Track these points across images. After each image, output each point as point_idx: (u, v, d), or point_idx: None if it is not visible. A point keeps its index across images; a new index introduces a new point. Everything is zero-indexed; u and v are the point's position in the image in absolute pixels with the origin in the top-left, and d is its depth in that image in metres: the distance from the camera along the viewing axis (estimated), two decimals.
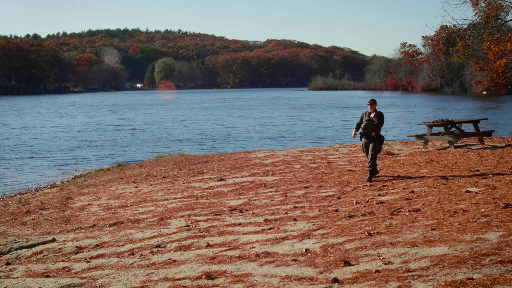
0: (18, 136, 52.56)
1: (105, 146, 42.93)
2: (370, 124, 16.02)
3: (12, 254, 12.10)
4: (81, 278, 9.16)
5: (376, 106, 16.20)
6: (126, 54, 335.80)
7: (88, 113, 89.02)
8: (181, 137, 48.85)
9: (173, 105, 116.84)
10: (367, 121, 16.10)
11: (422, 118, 61.61)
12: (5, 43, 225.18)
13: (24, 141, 47.66)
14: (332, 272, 7.94)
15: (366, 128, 16.13)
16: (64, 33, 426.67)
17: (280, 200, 14.43)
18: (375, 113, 15.93)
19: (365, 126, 16.13)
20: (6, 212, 18.33)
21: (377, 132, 16.05)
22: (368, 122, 16.06)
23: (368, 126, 16.05)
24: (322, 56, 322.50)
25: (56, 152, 39.19)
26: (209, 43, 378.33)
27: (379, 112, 16.01)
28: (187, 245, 10.68)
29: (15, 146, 43.69)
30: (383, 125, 16.05)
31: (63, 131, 56.91)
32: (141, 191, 19.29)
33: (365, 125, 16.13)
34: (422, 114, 69.47)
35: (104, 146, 42.94)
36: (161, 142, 45.05)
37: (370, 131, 16.07)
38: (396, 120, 62.89)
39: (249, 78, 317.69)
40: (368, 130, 16.10)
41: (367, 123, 16.08)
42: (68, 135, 52.26)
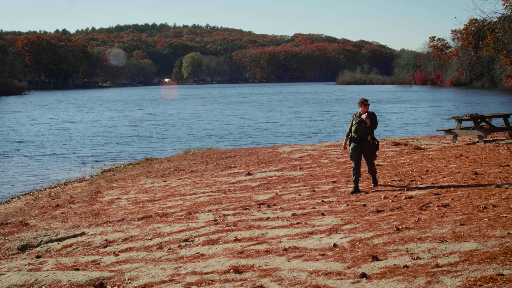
0: (48, 131, 53.09)
1: (134, 140, 43.18)
2: (363, 127, 14.12)
3: (42, 247, 12.23)
4: (110, 271, 9.23)
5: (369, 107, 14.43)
6: (154, 49, 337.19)
7: (116, 108, 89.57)
8: (209, 131, 48.97)
9: (200, 100, 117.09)
10: (358, 124, 14.18)
11: (451, 112, 61.08)
12: (35, 39, 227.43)
13: (54, 136, 48.12)
14: (360, 267, 7.91)
15: (358, 132, 14.20)
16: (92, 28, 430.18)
17: (308, 194, 14.41)
18: (366, 114, 14.11)
19: (357, 129, 14.21)
20: (36, 206, 18.53)
21: (371, 135, 14.24)
22: (360, 124, 14.15)
23: (360, 129, 14.14)
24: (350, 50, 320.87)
25: (85, 147, 39.51)
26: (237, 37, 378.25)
27: (371, 113, 14.22)
28: (215, 239, 10.71)
29: (45, 141, 44.14)
30: (376, 127, 14.32)
31: (92, 126, 57.35)
32: (169, 185, 19.37)
33: (356, 128, 14.21)
34: (451, 109, 68.87)
35: (133, 140, 43.19)
36: (189, 136, 45.20)
37: (363, 134, 14.17)
38: (425, 115, 62.42)
39: (277, 72, 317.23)
40: (361, 134, 14.18)
41: (359, 125, 14.16)
42: (97, 130, 52.66)
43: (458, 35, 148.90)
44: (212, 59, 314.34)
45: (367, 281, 7.31)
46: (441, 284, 6.87)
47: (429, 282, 6.96)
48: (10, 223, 15.74)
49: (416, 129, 46.37)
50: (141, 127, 55.09)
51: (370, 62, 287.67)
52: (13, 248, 12.48)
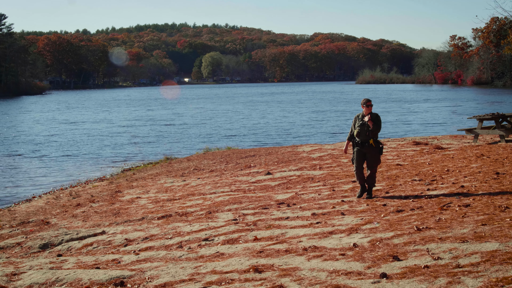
0: (68, 131, 53.45)
1: (153, 140, 43.35)
2: (365, 130, 13.19)
3: (63, 246, 12.31)
4: (130, 270, 9.26)
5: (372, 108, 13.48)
6: (173, 48, 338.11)
7: (136, 108, 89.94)
8: (229, 131, 49.03)
9: (220, 99, 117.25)
10: (360, 127, 13.27)
11: (472, 111, 60.66)
12: (56, 39, 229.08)
13: (74, 135, 48.45)
14: (381, 267, 7.88)
15: (361, 135, 13.27)
16: (113, 28, 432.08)
17: (328, 194, 14.38)
18: (370, 116, 13.17)
19: (359, 132, 13.29)
20: (57, 205, 18.66)
21: (374, 139, 13.26)
22: (362, 127, 13.24)
23: (363, 132, 13.22)
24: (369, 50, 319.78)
25: (105, 146, 39.72)
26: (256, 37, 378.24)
27: (375, 114, 13.27)
28: (234, 239, 10.72)
29: (65, 140, 44.44)
30: (380, 130, 13.31)
31: (112, 126, 57.64)
32: (189, 184, 19.42)
33: (359, 131, 13.29)
34: (472, 108, 68.40)
35: (152, 140, 43.36)
36: (209, 136, 45.29)
37: (366, 138, 13.22)
38: (446, 114, 62.07)
39: (296, 72, 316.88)
40: (363, 138, 13.24)
41: (361, 128, 13.25)
42: (117, 130, 52.92)
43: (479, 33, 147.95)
44: (231, 58, 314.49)
45: (388, 281, 7.28)
46: (462, 285, 6.83)
47: (450, 283, 6.93)
48: (31, 221, 15.86)
49: (437, 128, 46.14)
50: (160, 126, 55.28)
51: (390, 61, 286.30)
52: (34, 246, 12.57)
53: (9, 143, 42.61)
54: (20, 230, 14.78)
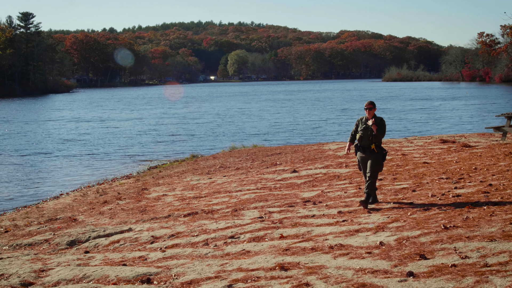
0: (95, 129, 53.85)
1: (179, 137, 43.50)
2: (368, 135, 12.54)
3: (90, 243, 12.40)
4: (156, 267, 9.31)
5: (376, 110, 12.83)
6: (199, 46, 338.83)
7: (162, 106, 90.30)
8: (255, 129, 49.05)
9: (245, 97, 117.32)
10: (363, 131, 12.64)
11: (500, 109, 60.06)
12: (83, 37, 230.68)
13: (101, 134, 48.79)
14: (407, 265, 7.84)
15: (363, 140, 12.63)
16: (139, 27, 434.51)
17: (354, 192, 14.33)
18: (374, 119, 12.51)
19: (362, 137, 12.66)
20: (84, 202, 18.80)
21: (377, 144, 12.56)
22: (365, 131, 12.59)
23: (366, 137, 12.57)
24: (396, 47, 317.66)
25: (131, 144, 39.95)
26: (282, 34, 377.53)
27: (379, 118, 12.59)
28: (260, 236, 10.73)
29: (92, 138, 44.78)
30: (384, 135, 12.66)
31: (138, 123, 57.96)
32: (215, 182, 19.46)
33: (361, 136, 12.66)
34: (500, 106, 67.72)
35: (178, 137, 43.52)
36: (235, 134, 45.34)
37: (368, 143, 12.56)
38: (473, 112, 61.54)
39: (322, 69, 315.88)
40: (365, 143, 12.60)
41: (364, 133, 12.61)
42: (143, 127, 53.20)
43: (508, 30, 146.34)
44: (257, 56, 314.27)
45: (414, 280, 7.24)
46: (490, 284, 6.77)
47: (478, 282, 6.87)
48: (59, 218, 16.00)
49: (464, 126, 45.76)
50: (186, 124, 55.46)
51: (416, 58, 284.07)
52: (62, 243, 12.68)
53: (37, 142, 43.04)
54: (48, 227, 14.92)
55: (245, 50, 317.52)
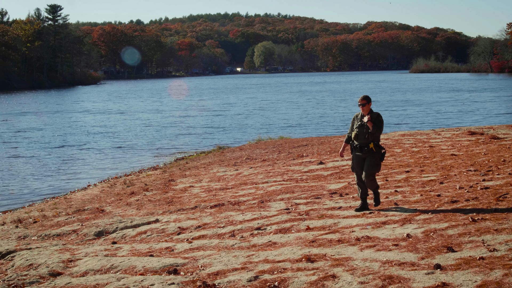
0: (123, 121, 54.21)
1: (206, 129, 43.62)
2: (364, 132, 11.51)
3: (117, 234, 12.49)
4: (183, 258, 9.36)
5: (371, 105, 11.76)
6: (226, 38, 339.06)
7: (190, 98, 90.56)
8: (281, 120, 49.02)
9: (273, 88, 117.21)
10: (359, 128, 11.61)
11: None
12: (110, 29, 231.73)
13: (128, 125, 49.11)
14: (434, 258, 7.80)
15: (359, 138, 11.59)
16: (166, 19, 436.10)
17: (381, 184, 14.25)
18: (370, 116, 11.49)
19: (357, 135, 11.63)
20: (111, 193, 18.94)
21: (375, 143, 11.56)
22: (361, 129, 11.57)
23: (361, 134, 11.55)
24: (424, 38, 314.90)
25: (158, 135, 40.14)
26: (309, 26, 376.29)
27: (375, 114, 11.56)
28: (287, 228, 10.73)
29: (119, 130, 45.08)
30: (381, 132, 11.62)
31: (164, 115, 58.20)
32: (241, 173, 19.48)
33: (357, 133, 11.64)
34: None
35: (205, 129, 43.64)
36: (261, 125, 45.35)
37: (365, 141, 11.53)
38: (502, 104, 60.90)
39: (349, 61, 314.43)
40: (362, 141, 11.56)
41: (359, 130, 11.59)
42: (170, 119, 53.42)
43: None
44: (284, 48, 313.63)
45: (442, 272, 7.20)
46: None
47: (506, 275, 6.81)
48: (87, 209, 16.14)
49: (493, 118, 45.30)
50: (213, 116, 55.57)
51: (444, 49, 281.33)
52: (90, 234, 12.79)
53: (64, 134, 43.41)
54: (76, 217, 15.06)
55: (271, 42, 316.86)
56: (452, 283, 6.82)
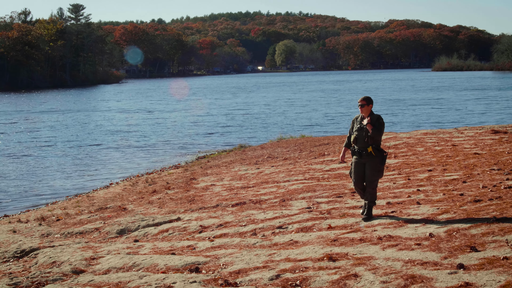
0: (144, 119, 54.48)
1: (227, 128, 43.69)
2: (363, 136, 10.87)
3: (139, 232, 12.55)
4: (205, 257, 9.38)
5: (372, 106, 11.16)
6: (247, 37, 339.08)
7: (211, 96, 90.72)
8: (303, 119, 48.95)
9: (294, 87, 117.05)
10: (358, 131, 10.98)
11: None
12: (132, 28, 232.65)
13: (150, 124, 49.32)
14: (457, 257, 7.75)
15: (358, 142, 10.96)
16: (187, 17, 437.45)
17: (403, 183, 14.19)
18: (370, 118, 10.93)
19: (356, 138, 11.01)
20: (133, 191, 19.03)
21: (375, 146, 10.88)
22: (360, 132, 10.93)
23: (361, 138, 10.91)
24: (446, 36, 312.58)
25: (179, 134, 40.27)
26: (330, 24, 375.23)
27: (376, 116, 10.99)
28: (308, 227, 10.71)
29: (141, 129, 45.31)
30: (381, 135, 10.94)
31: (185, 114, 58.36)
32: (262, 172, 19.48)
33: (356, 137, 11.01)
34: None
35: (226, 128, 43.70)
36: (282, 124, 45.32)
37: (364, 145, 10.90)
38: None
39: (371, 59, 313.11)
40: (361, 144, 10.93)
41: (359, 133, 10.95)
42: (191, 118, 53.55)
43: None
44: (305, 46, 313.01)
45: (465, 272, 7.15)
46: None
47: None
48: (109, 207, 16.22)
49: None
50: (234, 114, 55.63)
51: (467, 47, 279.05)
52: (112, 232, 12.86)
53: (87, 132, 43.71)
54: (98, 215, 15.15)
55: (292, 40, 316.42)
56: (475, 283, 6.77)
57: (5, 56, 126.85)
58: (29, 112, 63.42)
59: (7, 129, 46.38)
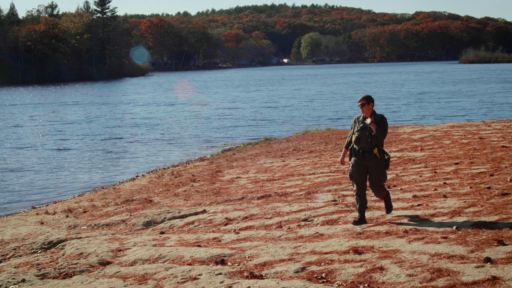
0: (170, 112, 54.67)
1: (253, 120, 43.68)
2: (367, 136, 10.16)
3: (165, 224, 12.62)
4: (230, 249, 9.40)
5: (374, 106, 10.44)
6: (272, 29, 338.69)
7: (236, 89, 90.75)
8: (328, 112, 48.82)
9: (320, 79, 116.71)
10: (361, 131, 10.26)
11: None
12: (158, 21, 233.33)
13: (175, 117, 49.49)
14: (485, 251, 7.68)
15: (361, 142, 10.23)
16: (212, 10, 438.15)
17: (429, 176, 14.10)
18: (373, 117, 10.24)
19: (359, 138, 10.26)
20: (159, 184, 19.12)
21: (379, 148, 10.21)
22: (363, 132, 10.22)
23: (363, 138, 10.19)
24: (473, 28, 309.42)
25: (205, 127, 40.35)
26: (356, 16, 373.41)
27: (379, 116, 10.27)
28: (334, 220, 10.69)
29: (166, 122, 45.47)
30: (385, 136, 10.22)
31: (211, 107, 58.44)
32: (288, 165, 19.47)
33: (359, 137, 10.27)
34: None
35: (252, 121, 43.70)
36: (308, 117, 45.22)
37: (368, 146, 10.18)
38: None
39: (397, 51, 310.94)
40: (364, 145, 10.21)
41: (361, 133, 10.23)
42: (217, 111, 53.62)
43: None
44: (330, 38, 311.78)
45: (492, 266, 7.09)
46: None
47: None
48: (135, 199, 16.33)
49: None
50: (259, 107, 55.61)
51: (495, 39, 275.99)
52: (138, 224, 12.94)
53: (113, 125, 43.98)
54: (125, 207, 15.25)
55: (318, 33, 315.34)
56: (502, 277, 6.71)
57: (33, 49, 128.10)
58: (56, 105, 63.98)
59: (35, 122, 46.85)
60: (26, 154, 30.07)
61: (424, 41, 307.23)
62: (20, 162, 27.53)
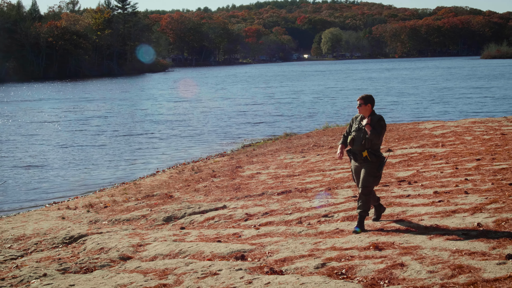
0: (190, 108, 54.80)
1: (273, 116, 43.67)
2: (361, 138, 9.73)
3: (186, 219, 12.65)
4: (250, 245, 9.41)
5: (373, 106, 10.08)
6: (293, 25, 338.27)
7: (257, 85, 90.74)
8: (349, 108, 48.67)
9: (340, 75, 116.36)
10: (356, 132, 9.86)
11: None
12: (178, 17, 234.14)
13: (195, 113, 49.60)
14: (506, 248, 7.63)
15: (355, 143, 9.81)
16: (233, 6, 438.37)
17: (451, 172, 14.01)
18: (370, 119, 9.78)
19: (353, 139, 9.87)
20: (179, 179, 19.18)
21: (372, 151, 9.69)
22: (358, 133, 9.80)
23: (358, 139, 9.77)
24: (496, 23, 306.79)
25: (225, 123, 40.40)
26: (377, 12, 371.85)
27: (377, 117, 9.84)
28: (354, 216, 10.65)
29: (186, 118, 45.58)
30: (380, 139, 9.72)
31: (231, 103, 58.48)
32: (308, 160, 19.45)
33: (353, 138, 9.87)
34: None
35: (272, 116, 43.69)
36: (328, 112, 45.13)
37: (360, 148, 9.75)
38: None
39: (418, 47, 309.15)
40: (357, 147, 9.80)
41: (356, 135, 9.82)
42: (237, 107, 53.65)
43: None
44: (351, 34, 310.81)
45: None
46: None
47: None
48: (155, 195, 16.39)
49: None
50: (280, 103, 55.56)
51: None
52: (158, 219, 12.99)
53: (134, 121, 44.20)
54: (145, 203, 15.32)
55: (339, 28, 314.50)
56: None
57: (54, 45, 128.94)
58: (76, 100, 64.34)
59: (56, 118, 47.16)
60: (48, 149, 30.31)
61: (446, 37, 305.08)
62: (42, 158, 27.76)
